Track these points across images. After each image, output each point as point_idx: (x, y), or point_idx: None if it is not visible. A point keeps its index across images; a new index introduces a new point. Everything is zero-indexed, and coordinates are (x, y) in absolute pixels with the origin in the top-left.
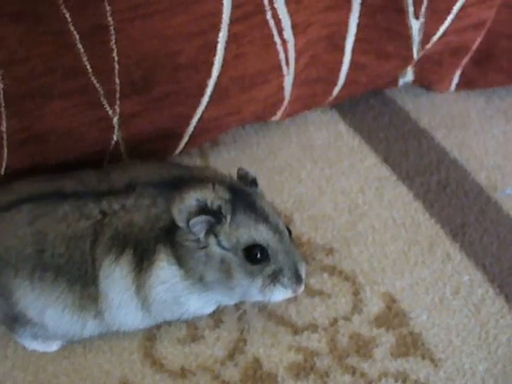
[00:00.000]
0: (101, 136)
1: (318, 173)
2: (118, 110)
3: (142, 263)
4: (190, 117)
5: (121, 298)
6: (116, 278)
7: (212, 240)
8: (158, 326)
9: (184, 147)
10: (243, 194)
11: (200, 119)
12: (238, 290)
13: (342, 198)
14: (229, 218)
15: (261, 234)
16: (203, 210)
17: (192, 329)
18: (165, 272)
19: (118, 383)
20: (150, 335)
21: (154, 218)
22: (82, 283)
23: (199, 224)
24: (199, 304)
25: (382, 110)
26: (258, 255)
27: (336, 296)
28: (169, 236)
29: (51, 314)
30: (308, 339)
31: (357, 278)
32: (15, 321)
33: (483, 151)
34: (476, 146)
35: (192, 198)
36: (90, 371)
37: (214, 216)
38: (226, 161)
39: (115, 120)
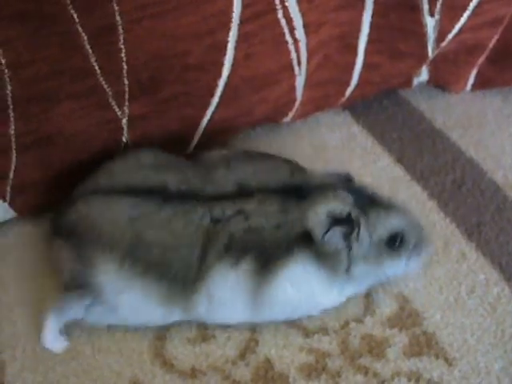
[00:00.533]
0: (110, 138)
1: None
2: (126, 111)
3: (269, 265)
4: (200, 118)
5: (229, 298)
6: (229, 280)
7: (354, 242)
8: (168, 327)
9: (194, 149)
10: (360, 191)
11: (210, 120)
12: (388, 272)
13: None
14: (362, 220)
15: (393, 222)
16: (336, 221)
17: (202, 328)
18: (299, 272)
19: None
20: (160, 335)
21: (288, 223)
22: (176, 281)
23: (335, 236)
24: (333, 299)
25: (395, 110)
26: (398, 241)
27: (347, 299)
28: (306, 240)
29: (129, 299)
30: (319, 341)
31: None
32: (78, 288)
33: (500, 150)
34: (493, 145)
35: (323, 212)
36: (99, 372)
37: (348, 224)
38: None
39: (124, 121)
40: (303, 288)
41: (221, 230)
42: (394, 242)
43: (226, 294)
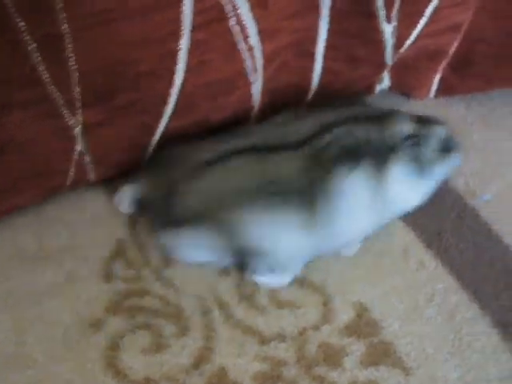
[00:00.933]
0: (63, 147)
1: None
2: (80, 119)
3: (377, 173)
4: (156, 125)
5: (357, 209)
6: (353, 192)
7: (426, 149)
8: (122, 335)
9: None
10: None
11: (167, 128)
12: (448, 168)
13: None
14: (426, 132)
15: (442, 130)
16: (411, 135)
17: (157, 337)
18: (401, 174)
19: None
20: (114, 345)
21: (378, 139)
22: (310, 208)
23: (414, 146)
24: (422, 194)
25: None
26: (448, 144)
27: (305, 306)
28: (395, 151)
29: (283, 240)
30: (275, 348)
31: (327, 288)
32: (246, 256)
33: (462, 157)
34: None
35: (402, 129)
36: (52, 381)
37: (420, 136)
38: None
39: (77, 130)
40: (406, 184)
41: (326, 156)
42: (446, 145)
43: (355, 206)
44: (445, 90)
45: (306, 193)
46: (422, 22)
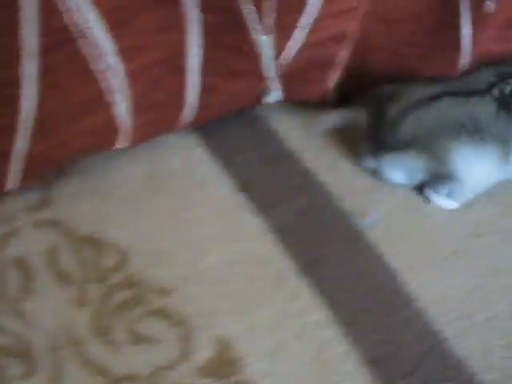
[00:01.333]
0: None
1: (165, 204)
2: None
3: None
4: (9, 152)
5: None
6: None
7: None
8: None
9: (21, 182)
10: None
11: (25, 154)
12: None
13: (187, 232)
14: None
15: None
16: None
17: (2, 379)
18: None
19: None
20: None
21: None
22: (503, 147)
23: None
24: None
25: (247, 131)
26: None
27: (163, 342)
28: None
29: (476, 170)
30: None
31: (190, 321)
32: (440, 178)
33: (353, 174)
34: (347, 168)
35: None
36: None
37: None
38: (68, 194)
39: None
40: None
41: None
42: None
43: None
44: (344, 98)
45: (500, 133)
46: (302, 32)
